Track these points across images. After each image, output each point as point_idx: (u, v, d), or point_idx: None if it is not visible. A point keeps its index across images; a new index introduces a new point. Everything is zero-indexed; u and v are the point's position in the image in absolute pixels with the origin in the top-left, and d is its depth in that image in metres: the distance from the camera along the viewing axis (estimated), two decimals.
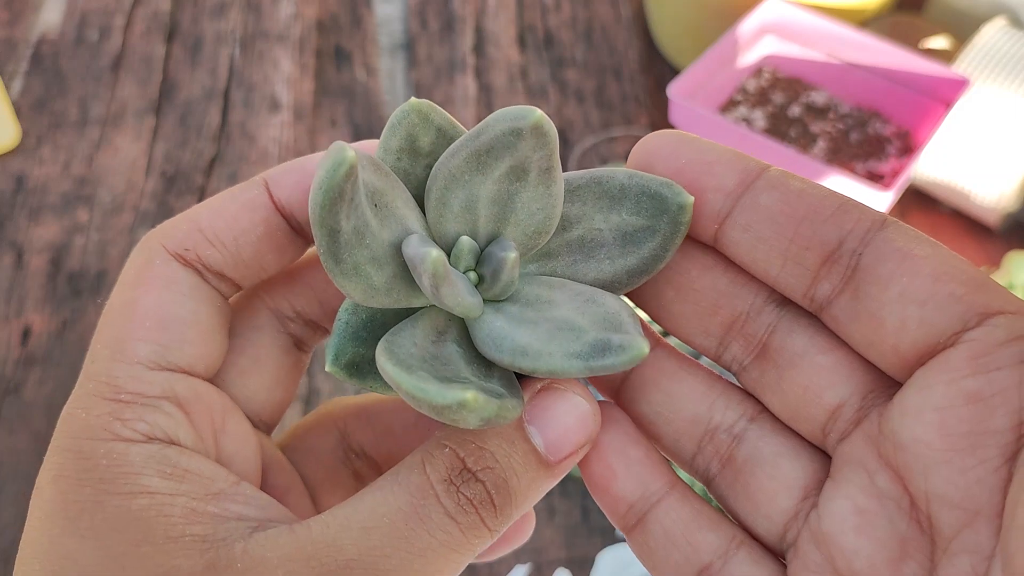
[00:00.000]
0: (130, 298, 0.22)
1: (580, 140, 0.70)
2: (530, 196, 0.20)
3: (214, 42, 0.74)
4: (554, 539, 0.51)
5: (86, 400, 0.21)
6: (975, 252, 0.64)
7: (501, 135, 0.19)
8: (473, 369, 0.20)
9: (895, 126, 0.61)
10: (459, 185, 0.20)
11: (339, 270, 0.19)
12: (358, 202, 0.19)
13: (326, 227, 0.18)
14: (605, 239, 0.22)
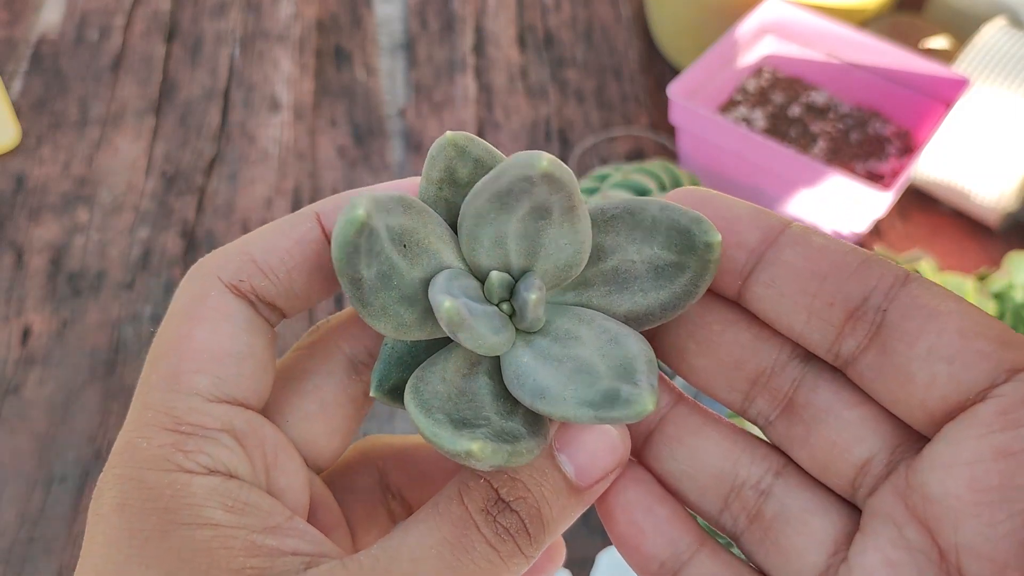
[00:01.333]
0: (187, 330, 0.22)
1: (580, 140, 0.70)
2: (556, 232, 0.21)
3: (214, 42, 0.74)
4: None
5: (146, 430, 0.21)
6: (975, 252, 0.64)
7: (516, 180, 0.20)
8: (499, 405, 0.21)
9: (895, 126, 0.61)
10: (487, 223, 0.21)
11: (367, 312, 0.20)
12: (379, 249, 0.20)
13: (347, 277, 0.20)
14: (639, 271, 0.22)
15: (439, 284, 0.20)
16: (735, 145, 0.55)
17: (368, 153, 0.68)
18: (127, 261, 0.61)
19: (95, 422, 0.54)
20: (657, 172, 0.56)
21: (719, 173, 0.58)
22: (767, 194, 0.57)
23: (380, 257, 0.20)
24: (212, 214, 0.64)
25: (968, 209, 0.63)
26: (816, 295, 0.21)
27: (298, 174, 0.66)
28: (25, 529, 0.51)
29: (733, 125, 0.55)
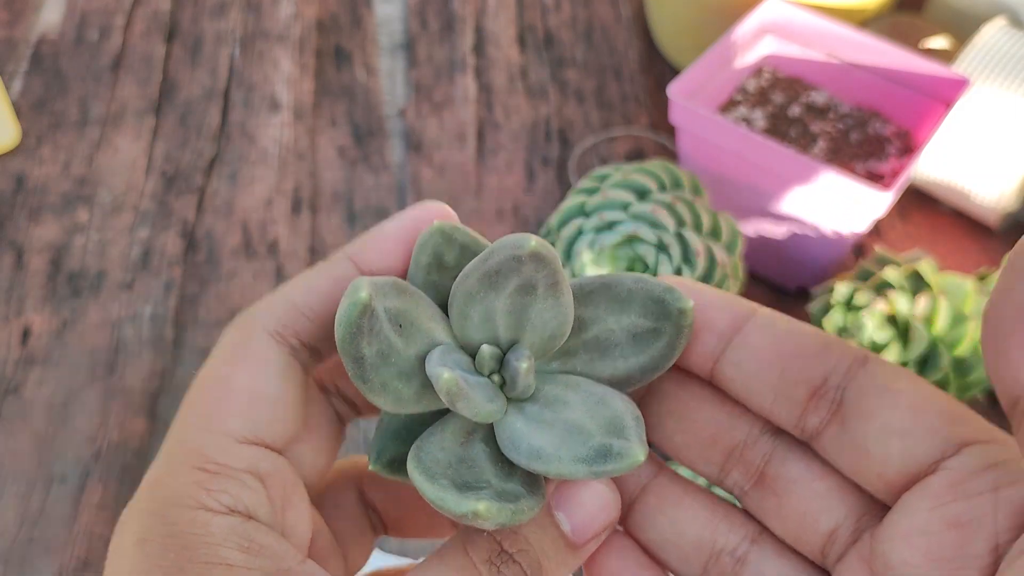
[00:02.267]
0: (226, 373, 0.23)
1: (580, 140, 0.70)
2: (541, 307, 0.23)
3: (214, 42, 0.74)
4: None
5: (175, 466, 0.22)
6: (975, 252, 0.64)
7: (505, 260, 0.22)
8: (497, 469, 0.23)
9: (895, 126, 0.61)
10: (476, 301, 0.23)
11: (367, 388, 0.22)
12: (379, 329, 0.21)
13: (349, 355, 0.21)
14: (618, 339, 0.24)
15: (435, 358, 0.22)
16: (735, 145, 0.55)
17: (368, 153, 0.68)
18: (127, 261, 0.61)
19: (95, 422, 0.54)
20: (657, 172, 0.56)
21: (719, 173, 0.58)
22: (767, 194, 0.57)
23: (379, 336, 0.22)
24: (212, 214, 0.64)
25: (968, 209, 0.63)
26: (781, 376, 0.22)
27: (298, 174, 0.66)
28: (25, 529, 0.51)
29: (733, 125, 0.55)
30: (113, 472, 0.53)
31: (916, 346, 0.50)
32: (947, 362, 0.51)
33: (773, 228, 0.58)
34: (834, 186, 0.52)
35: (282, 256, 0.62)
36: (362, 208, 0.65)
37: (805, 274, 0.60)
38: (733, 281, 0.55)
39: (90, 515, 0.51)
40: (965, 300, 0.52)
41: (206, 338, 0.58)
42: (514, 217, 0.65)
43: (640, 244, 0.54)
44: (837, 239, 0.56)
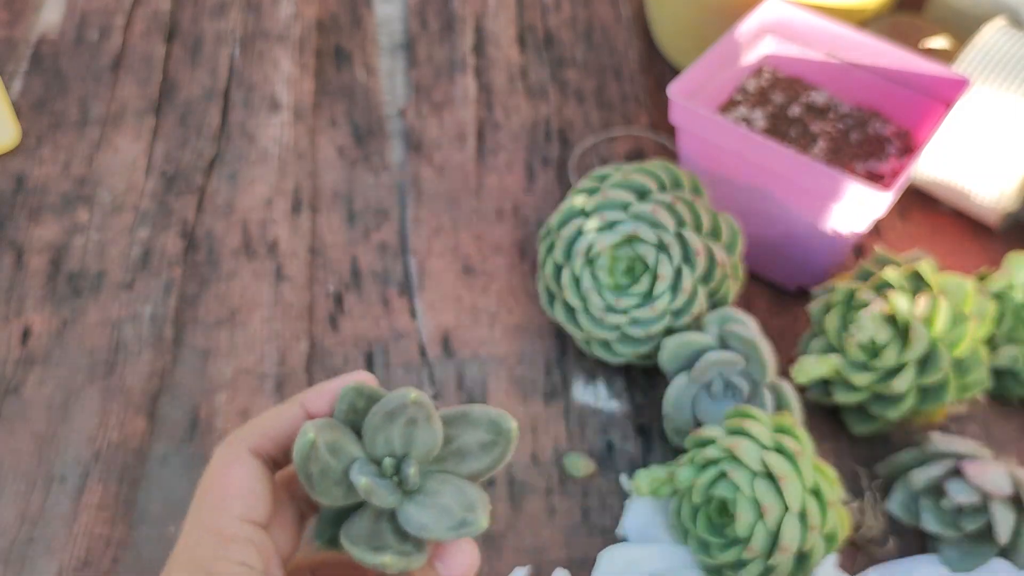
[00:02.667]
0: (227, 475, 0.35)
1: (580, 140, 0.70)
2: (422, 432, 0.36)
3: (214, 42, 0.74)
4: (554, 539, 0.51)
5: (201, 537, 0.34)
6: (975, 252, 0.64)
7: (397, 404, 0.35)
8: (397, 536, 0.35)
9: (895, 126, 0.61)
10: (380, 430, 0.35)
11: (314, 493, 0.35)
12: (319, 455, 0.34)
13: (303, 473, 0.34)
14: (472, 448, 0.37)
15: (356, 469, 0.35)
16: (735, 145, 0.55)
17: (368, 153, 0.68)
18: (127, 261, 0.61)
19: (95, 422, 0.54)
20: (657, 172, 0.56)
21: (719, 173, 0.58)
22: (767, 194, 0.57)
23: (320, 460, 0.34)
24: (212, 214, 0.64)
25: (968, 209, 0.63)
26: None
27: (298, 174, 0.66)
28: (25, 529, 0.51)
29: (733, 125, 0.55)
30: (113, 472, 0.53)
31: (916, 346, 0.50)
32: (947, 362, 0.51)
33: (773, 228, 0.58)
34: (834, 186, 0.52)
35: (282, 256, 0.62)
36: (362, 208, 0.65)
37: (805, 274, 0.60)
38: (733, 281, 0.56)
39: (90, 515, 0.51)
40: (965, 300, 0.52)
41: (205, 338, 0.58)
42: (514, 217, 0.65)
43: (640, 244, 0.54)
44: (837, 239, 0.56)
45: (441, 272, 0.62)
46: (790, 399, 0.52)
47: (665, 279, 0.53)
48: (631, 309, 0.54)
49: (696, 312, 0.54)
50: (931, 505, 0.51)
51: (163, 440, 0.54)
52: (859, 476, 0.54)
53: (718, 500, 0.47)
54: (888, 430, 0.55)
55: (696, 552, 0.49)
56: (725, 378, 0.53)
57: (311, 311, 0.60)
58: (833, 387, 0.54)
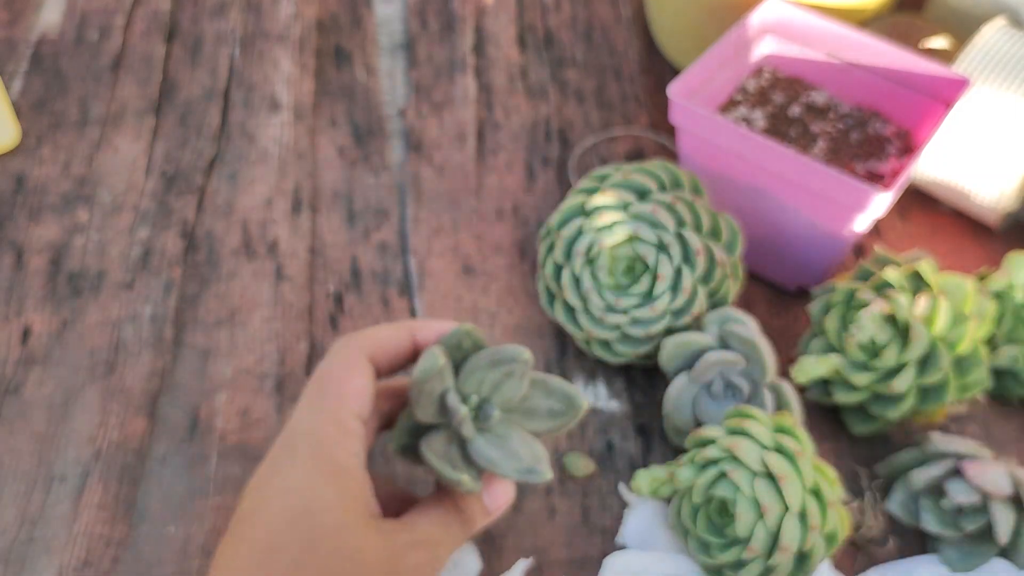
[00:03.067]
0: (349, 375, 0.41)
1: (580, 140, 0.70)
2: (511, 384, 0.43)
3: (214, 42, 0.74)
4: (554, 539, 0.51)
5: (323, 424, 0.40)
6: (975, 252, 0.64)
7: (503, 358, 0.43)
8: (464, 463, 0.43)
9: (895, 126, 0.61)
10: (479, 371, 0.43)
11: (416, 405, 0.42)
12: (435, 378, 0.42)
13: (418, 387, 0.42)
14: (541, 411, 0.45)
15: (451, 397, 0.42)
16: (735, 145, 0.55)
17: (368, 153, 0.68)
18: (127, 261, 0.61)
19: (95, 422, 0.54)
20: (657, 172, 0.56)
21: (719, 173, 0.58)
22: (767, 194, 0.57)
23: (432, 382, 0.42)
24: (212, 214, 0.64)
25: (968, 209, 0.63)
26: None
27: (298, 174, 0.66)
28: (25, 529, 0.51)
29: (733, 125, 0.55)
30: (113, 472, 0.53)
31: (916, 346, 0.50)
32: (947, 362, 0.51)
33: (773, 228, 0.58)
34: (834, 186, 0.52)
35: (282, 256, 0.62)
36: (362, 208, 0.65)
37: (805, 274, 0.60)
38: (732, 281, 0.56)
39: (90, 515, 0.51)
40: (965, 300, 0.52)
41: (206, 338, 0.58)
42: (514, 217, 0.65)
43: (640, 244, 0.54)
44: (837, 239, 0.56)
45: (441, 272, 0.62)
46: (790, 399, 0.52)
47: (665, 279, 0.53)
48: (631, 309, 0.54)
49: (696, 312, 0.54)
50: (931, 505, 0.51)
51: (163, 440, 0.54)
52: (859, 476, 0.54)
53: (718, 500, 0.47)
54: (888, 430, 0.55)
55: (696, 552, 0.49)
56: (725, 378, 0.53)
57: (311, 311, 0.60)
58: (833, 387, 0.54)
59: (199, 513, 0.51)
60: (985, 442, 0.55)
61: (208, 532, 0.51)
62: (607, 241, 0.54)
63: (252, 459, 0.53)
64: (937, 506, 0.50)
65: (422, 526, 0.41)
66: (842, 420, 0.55)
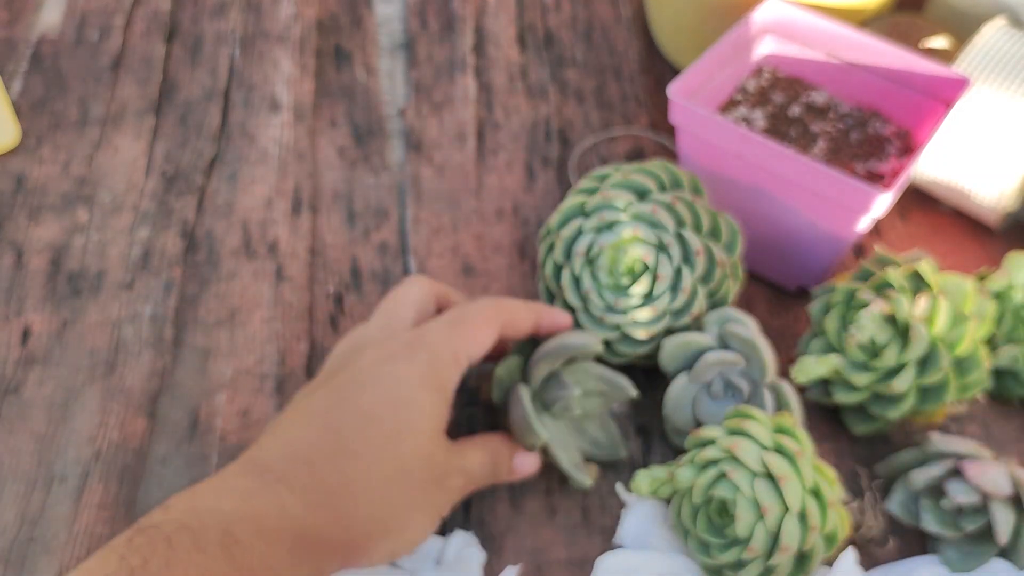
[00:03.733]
0: (480, 328, 0.49)
1: (580, 140, 0.70)
2: (581, 370, 0.54)
3: (214, 42, 0.74)
4: (555, 539, 0.51)
5: (442, 355, 0.47)
6: (975, 252, 0.64)
7: (577, 349, 0.52)
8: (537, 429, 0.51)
9: (895, 126, 0.61)
10: (546, 364, 0.53)
11: (493, 388, 0.52)
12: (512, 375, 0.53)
13: (499, 374, 0.53)
14: (594, 394, 0.54)
15: (564, 377, 0.52)
16: (735, 145, 0.55)
17: (368, 153, 0.68)
18: (127, 261, 0.61)
19: (95, 422, 0.54)
20: (657, 172, 0.56)
21: (719, 173, 0.58)
22: (767, 194, 0.57)
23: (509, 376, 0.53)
24: (212, 214, 0.64)
25: (968, 209, 0.63)
26: None
27: (298, 174, 0.66)
28: (25, 529, 0.51)
29: (733, 125, 0.55)
30: (113, 472, 0.53)
31: (916, 346, 0.50)
32: (947, 362, 0.51)
33: (773, 228, 0.58)
34: (834, 186, 0.52)
35: (282, 256, 0.62)
36: (362, 208, 0.65)
37: (805, 274, 0.60)
38: (732, 281, 0.55)
39: (90, 515, 0.51)
40: (965, 300, 0.52)
41: (206, 338, 0.58)
42: (514, 217, 0.65)
43: (640, 244, 0.54)
44: (837, 239, 0.56)
45: (441, 272, 0.62)
46: (790, 399, 0.52)
47: (665, 279, 0.53)
48: (631, 310, 0.54)
49: (696, 312, 0.54)
50: (931, 505, 0.51)
51: (163, 440, 0.54)
52: (859, 476, 0.54)
53: (718, 500, 0.47)
54: (888, 430, 0.55)
55: (696, 552, 0.49)
56: (725, 378, 0.53)
57: (311, 312, 0.60)
58: (833, 387, 0.54)
59: None
60: (985, 442, 0.55)
61: None
62: (607, 241, 0.54)
63: None
64: (937, 506, 0.50)
65: (470, 458, 0.48)
66: (842, 420, 0.55)
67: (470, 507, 0.52)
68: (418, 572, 0.49)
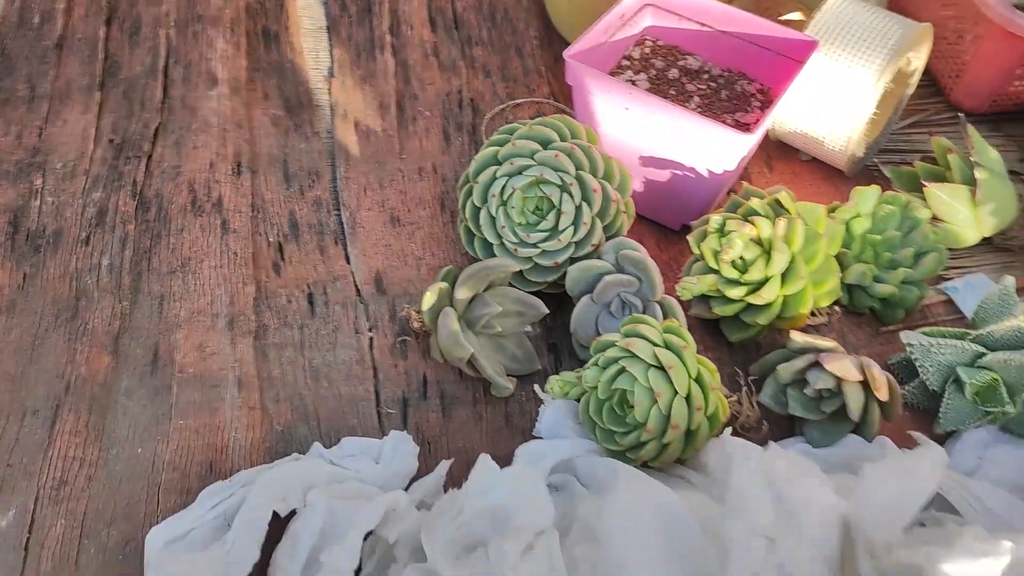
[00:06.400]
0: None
1: (489, 108, 0.78)
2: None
3: (151, 24, 0.80)
4: (481, 440, 0.59)
5: None
6: (831, 193, 0.74)
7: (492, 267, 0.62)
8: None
9: (759, 84, 0.71)
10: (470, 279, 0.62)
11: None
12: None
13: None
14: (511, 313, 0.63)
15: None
16: (623, 101, 0.64)
17: (300, 122, 0.75)
18: (82, 220, 0.67)
19: (63, 360, 0.60)
20: (558, 125, 0.65)
21: (610, 127, 0.67)
22: (651, 144, 0.65)
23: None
24: (160, 177, 0.70)
25: (823, 156, 0.74)
26: None
27: (237, 140, 0.73)
28: (2, 458, 0.56)
29: (620, 83, 0.64)
30: (84, 402, 0.58)
31: (779, 261, 0.60)
32: (805, 273, 0.60)
33: (658, 174, 0.67)
34: (705, 132, 0.62)
35: (226, 212, 0.69)
36: (297, 170, 0.72)
37: (687, 214, 0.69)
38: (625, 216, 0.64)
39: (63, 441, 0.57)
40: (818, 222, 0.62)
41: (160, 285, 0.64)
42: (434, 175, 0.73)
43: (546, 186, 0.62)
44: (713, 181, 0.66)
45: (371, 223, 0.69)
46: (676, 310, 0.61)
47: (568, 215, 0.62)
48: (540, 242, 0.62)
49: (595, 242, 0.63)
50: (796, 394, 0.60)
51: (127, 374, 0.60)
52: (737, 376, 0.63)
53: (620, 393, 0.56)
54: (759, 338, 0.65)
55: (603, 442, 0.57)
56: (622, 298, 0.62)
57: (255, 259, 0.67)
58: (712, 301, 0.63)
59: (164, 434, 0.58)
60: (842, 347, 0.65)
61: (173, 451, 0.57)
62: (517, 184, 0.62)
63: (210, 387, 0.59)
64: (801, 394, 0.60)
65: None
66: (721, 331, 0.65)
67: (407, 417, 0.60)
68: (361, 471, 0.56)
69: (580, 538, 0.50)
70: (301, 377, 0.61)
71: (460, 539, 0.51)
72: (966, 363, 0.61)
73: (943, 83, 0.83)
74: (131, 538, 0.53)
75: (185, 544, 0.51)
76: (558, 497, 0.55)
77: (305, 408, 0.59)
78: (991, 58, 0.76)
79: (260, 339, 0.63)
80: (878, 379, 0.58)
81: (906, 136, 0.80)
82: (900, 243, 0.66)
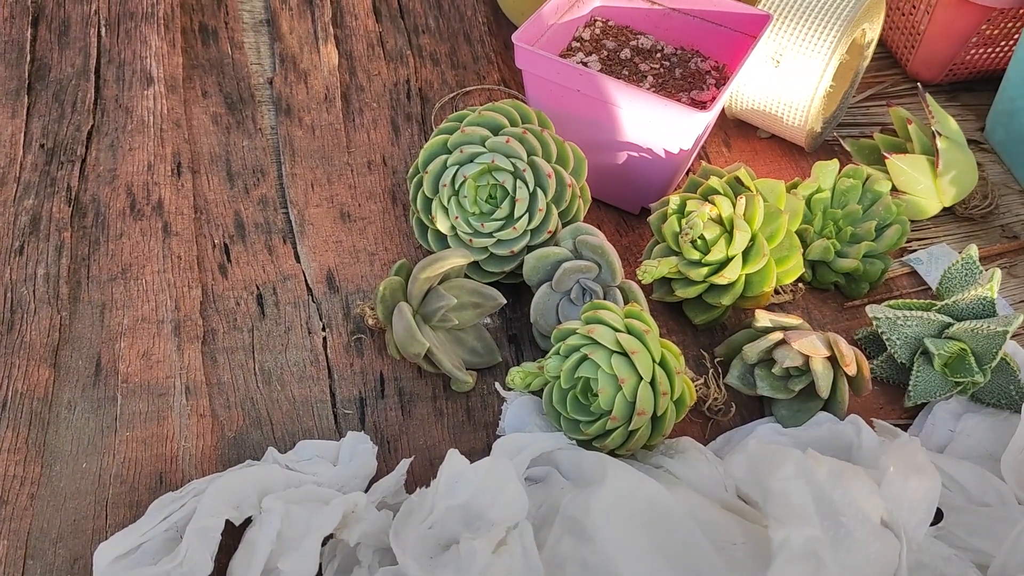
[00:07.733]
0: None
1: (439, 98, 0.76)
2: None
3: (81, 24, 0.77)
4: (443, 437, 0.57)
5: None
6: (791, 169, 0.73)
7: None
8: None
9: (713, 61, 0.70)
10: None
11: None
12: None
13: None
14: (468, 305, 0.61)
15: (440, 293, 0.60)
16: (575, 83, 0.62)
17: (241, 119, 0.73)
18: (15, 229, 0.64)
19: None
20: (508, 110, 0.63)
21: (562, 110, 0.65)
22: (605, 126, 0.64)
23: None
24: (95, 181, 0.67)
25: (782, 132, 0.73)
26: None
27: (176, 140, 0.70)
28: None
29: (571, 65, 0.62)
30: (23, 418, 0.56)
31: (740, 239, 0.59)
32: (767, 251, 0.59)
33: (614, 157, 0.66)
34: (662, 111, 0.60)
35: (168, 214, 0.66)
36: (240, 168, 0.69)
37: (646, 197, 0.67)
38: (581, 201, 0.63)
39: (1, 459, 0.54)
40: (779, 198, 0.60)
41: (101, 293, 0.61)
42: (384, 167, 0.71)
43: (499, 172, 0.60)
44: (670, 161, 0.64)
45: (320, 220, 0.67)
46: (637, 294, 0.59)
47: (523, 202, 0.60)
48: (495, 231, 0.60)
49: (551, 229, 0.61)
50: (764, 373, 0.59)
51: (68, 387, 0.57)
52: (703, 358, 0.62)
53: (583, 381, 0.54)
54: (724, 318, 0.63)
55: (568, 432, 0.55)
56: (582, 285, 0.60)
57: (200, 262, 0.64)
58: (675, 284, 0.61)
59: (110, 447, 0.55)
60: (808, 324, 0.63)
61: (120, 464, 0.54)
62: (469, 172, 0.60)
63: (157, 396, 0.57)
64: (769, 373, 0.59)
65: None
66: (685, 314, 0.63)
67: (364, 417, 0.57)
68: (318, 475, 0.54)
69: (566, 533, 0.48)
70: (252, 381, 0.58)
71: (432, 538, 0.49)
72: (933, 334, 0.60)
73: (899, 54, 0.82)
74: (79, 556, 0.51)
75: (135, 559, 0.48)
76: (538, 489, 0.53)
77: (258, 413, 0.57)
78: (946, 27, 0.75)
79: (208, 344, 0.60)
80: (846, 354, 0.56)
81: (864, 109, 0.79)
82: (862, 217, 0.65)
